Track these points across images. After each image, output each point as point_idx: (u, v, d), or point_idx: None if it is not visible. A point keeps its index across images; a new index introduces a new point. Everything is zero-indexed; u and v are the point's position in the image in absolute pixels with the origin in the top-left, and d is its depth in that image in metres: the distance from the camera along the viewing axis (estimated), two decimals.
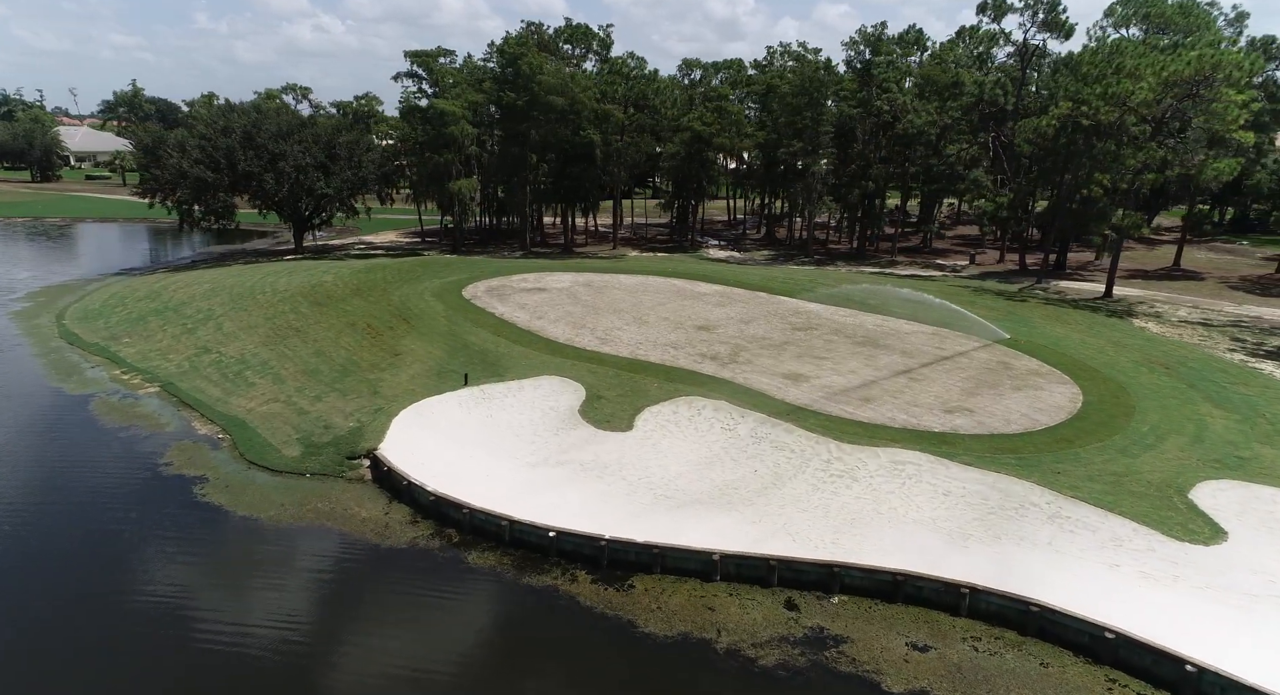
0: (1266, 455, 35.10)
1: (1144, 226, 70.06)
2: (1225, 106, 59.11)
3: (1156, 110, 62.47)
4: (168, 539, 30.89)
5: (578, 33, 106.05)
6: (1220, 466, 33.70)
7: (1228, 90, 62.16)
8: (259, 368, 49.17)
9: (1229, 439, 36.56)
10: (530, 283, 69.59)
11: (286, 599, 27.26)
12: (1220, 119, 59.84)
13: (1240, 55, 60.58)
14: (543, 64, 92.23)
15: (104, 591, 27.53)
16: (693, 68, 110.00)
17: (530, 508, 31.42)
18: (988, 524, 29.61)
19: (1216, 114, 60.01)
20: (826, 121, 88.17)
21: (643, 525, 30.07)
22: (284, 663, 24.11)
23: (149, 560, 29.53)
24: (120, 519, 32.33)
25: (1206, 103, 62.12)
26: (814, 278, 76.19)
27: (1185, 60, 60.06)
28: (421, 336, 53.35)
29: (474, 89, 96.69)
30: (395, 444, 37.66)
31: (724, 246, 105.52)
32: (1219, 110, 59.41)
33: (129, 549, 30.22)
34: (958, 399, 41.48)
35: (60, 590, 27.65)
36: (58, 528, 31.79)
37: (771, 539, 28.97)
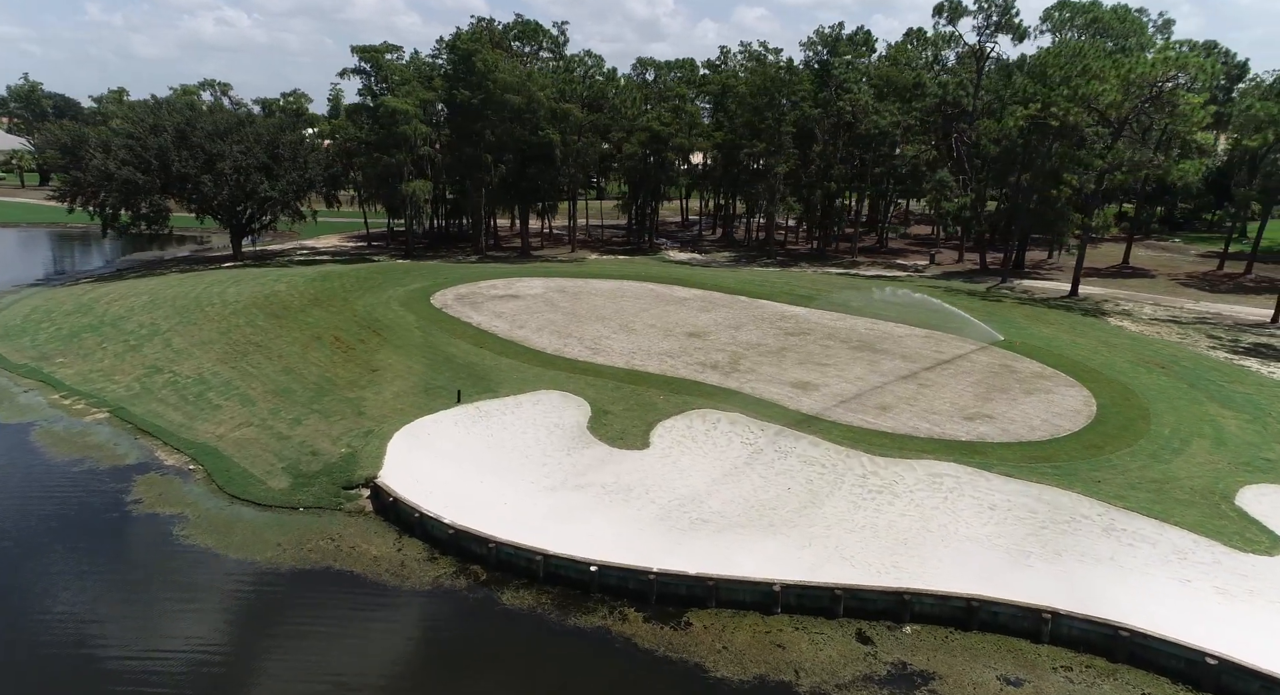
0: None
1: (1113, 226, 71.35)
2: (1191, 109, 60.42)
3: (1123, 111, 63.50)
4: (156, 593, 27.29)
5: (529, 29, 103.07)
6: (1251, 469, 33.58)
7: (1186, 94, 63.74)
8: (222, 388, 45.12)
9: (1248, 440, 36.62)
10: (501, 289, 66.56)
11: (308, 657, 24.18)
12: (1185, 120, 61.17)
13: (1201, 59, 62.09)
14: (498, 61, 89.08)
15: (100, 657, 23.97)
16: (647, 67, 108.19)
17: (560, 538, 28.98)
18: (1043, 539, 28.57)
19: (1182, 115, 61.31)
20: (788, 122, 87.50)
21: (687, 554, 28.00)
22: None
23: (142, 620, 25.96)
24: (94, 570, 28.53)
25: (1170, 105, 63.51)
26: (790, 281, 75.28)
27: (1151, 62, 61.19)
28: (397, 349, 50.00)
29: (424, 86, 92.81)
30: (396, 471, 34.61)
31: (683, 248, 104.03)
32: (1185, 112, 60.68)
33: (112, 606, 26.55)
34: (974, 405, 40.68)
35: (47, 668, 23.95)
36: (20, 585, 27.81)
37: (827, 564, 27.27)
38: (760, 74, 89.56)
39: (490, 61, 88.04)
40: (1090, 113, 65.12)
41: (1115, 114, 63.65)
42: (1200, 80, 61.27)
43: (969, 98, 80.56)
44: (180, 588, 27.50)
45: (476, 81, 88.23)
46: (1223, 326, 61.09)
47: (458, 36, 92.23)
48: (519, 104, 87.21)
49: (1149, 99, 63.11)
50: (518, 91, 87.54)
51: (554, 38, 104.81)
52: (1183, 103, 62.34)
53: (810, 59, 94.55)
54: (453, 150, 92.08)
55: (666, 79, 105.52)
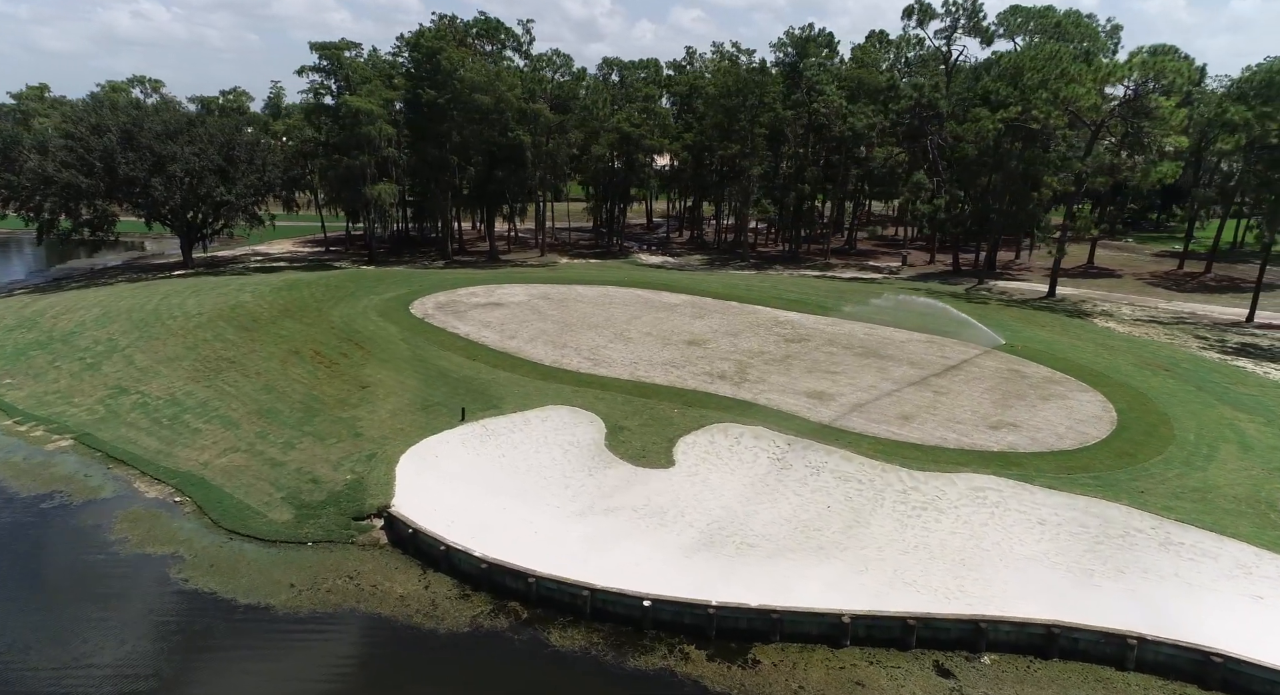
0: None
1: (1094, 228, 72.20)
2: (1171, 112, 61.28)
3: (1102, 114, 64.15)
4: (161, 647, 24.50)
5: (491, 27, 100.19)
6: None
7: (1160, 97, 64.71)
8: (199, 410, 41.85)
9: (1271, 445, 36.62)
10: (482, 297, 64.00)
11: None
12: (1164, 124, 62.03)
13: (1180, 63, 63.09)
14: (464, 59, 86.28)
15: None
16: (614, 67, 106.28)
17: (602, 570, 27.08)
18: (1102, 556, 27.75)
19: (1161, 119, 62.15)
20: (762, 124, 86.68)
21: (741, 583, 26.38)
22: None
23: (149, 680, 23.17)
24: (86, 622, 25.55)
25: (1146, 108, 64.38)
26: (776, 285, 74.32)
27: (1128, 66, 61.90)
28: (384, 364, 47.26)
29: (385, 86, 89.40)
30: (409, 498, 32.20)
31: (654, 251, 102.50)
32: (1164, 115, 61.52)
33: (115, 664, 23.68)
34: (995, 412, 39.99)
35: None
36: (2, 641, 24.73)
37: (890, 591, 25.94)
38: (733, 75, 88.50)
39: (456, 59, 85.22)
40: (1068, 116, 65.60)
41: (1094, 117, 64.25)
42: (1178, 84, 62.37)
43: (943, 100, 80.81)
44: (189, 639, 24.77)
45: (442, 80, 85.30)
46: (1203, 326, 62.13)
47: (421, 34, 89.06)
48: (487, 104, 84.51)
49: (1124, 102, 63.89)
50: (486, 91, 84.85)
51: (517, 37, 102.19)
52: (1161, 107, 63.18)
53: (780, 60, 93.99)
54: (416, 151, 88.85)
55: (633, 79, 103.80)
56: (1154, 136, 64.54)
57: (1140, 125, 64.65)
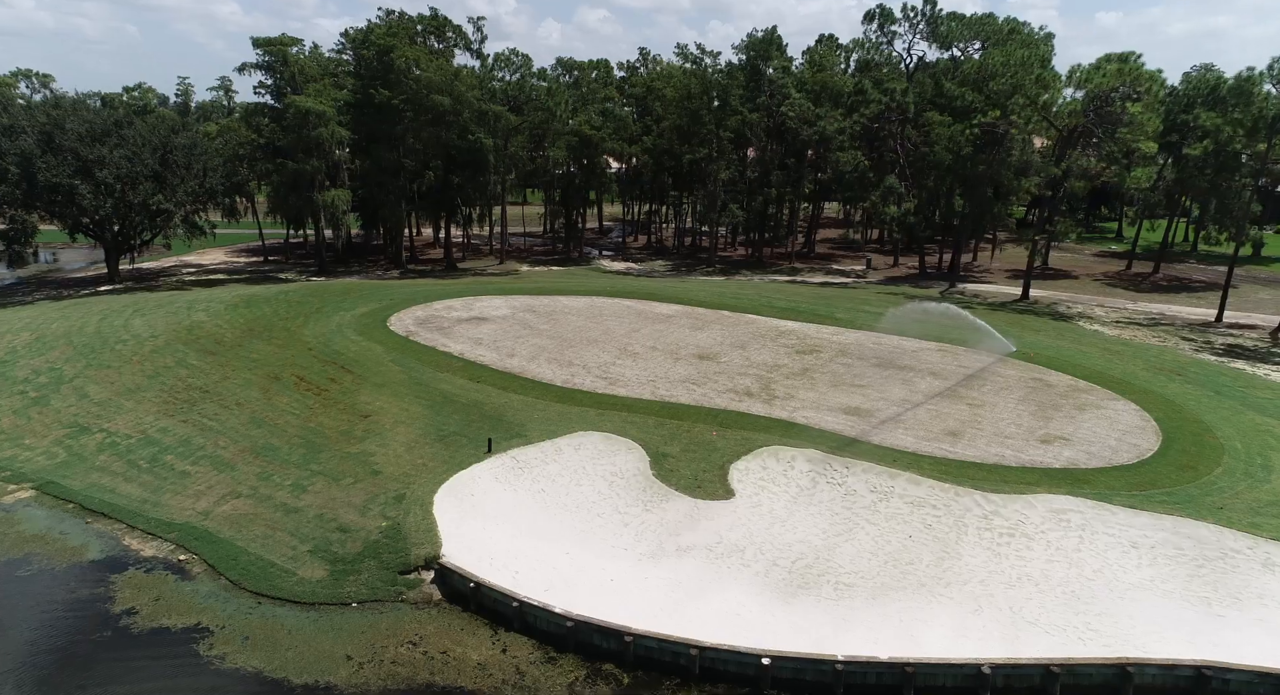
0: None
1: (1073, 233, 73.30)
2: (1147, 118, 62.54)
3: (1078, 120, 65.10)
4: None
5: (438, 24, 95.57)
6: None
7: (1131, 103, 66.11)
8: (181, 449, 37.23)
9: None
10: (461, 310, 60.21)
11: None
12: (1141, 129, 63.28)
13: (1151, 71, 64.50)
14: (419, 58, 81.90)
15: None
16: (569, 68, 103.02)
17: (700, 622, 24.57)
18: (1209, 581, 26.79)
19: (1137, 124, 63.36)
20: (728, 127, 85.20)
21: (859, 631, 24.27)
22: None
23: None
24: None
25: (1115, 114, 65.65)
26: (762, 292, 72.72)
27: (1105, 73, 62.90)
28: (380, 389, 43.36)
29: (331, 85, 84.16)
30: (458, 546, 28.90)
31: (615, 257, 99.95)
32: (1140, 120, 62.74)
33: None
34: (1039, 425, 39.12)
35: None
36: None
37: (1019, 633, 24.22)
38: (698, 77, 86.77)
39: (411, 58, 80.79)
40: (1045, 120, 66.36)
41: (1071, 122, 65.16)
42: (1154, 90, 63.84)
43: (912, 104, 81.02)
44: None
45: (395, 80, 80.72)
46: (1182, 327, 63.58)
47: (370, 31, 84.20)
48: (446, 105, 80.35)
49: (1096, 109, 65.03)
50: (444, 91, 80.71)
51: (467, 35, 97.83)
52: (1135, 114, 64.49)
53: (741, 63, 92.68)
54: (369, 155, 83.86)
55: (588, 80, 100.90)
56: (1125, 141, 65.85)
57: (1115, 131, 65.81)
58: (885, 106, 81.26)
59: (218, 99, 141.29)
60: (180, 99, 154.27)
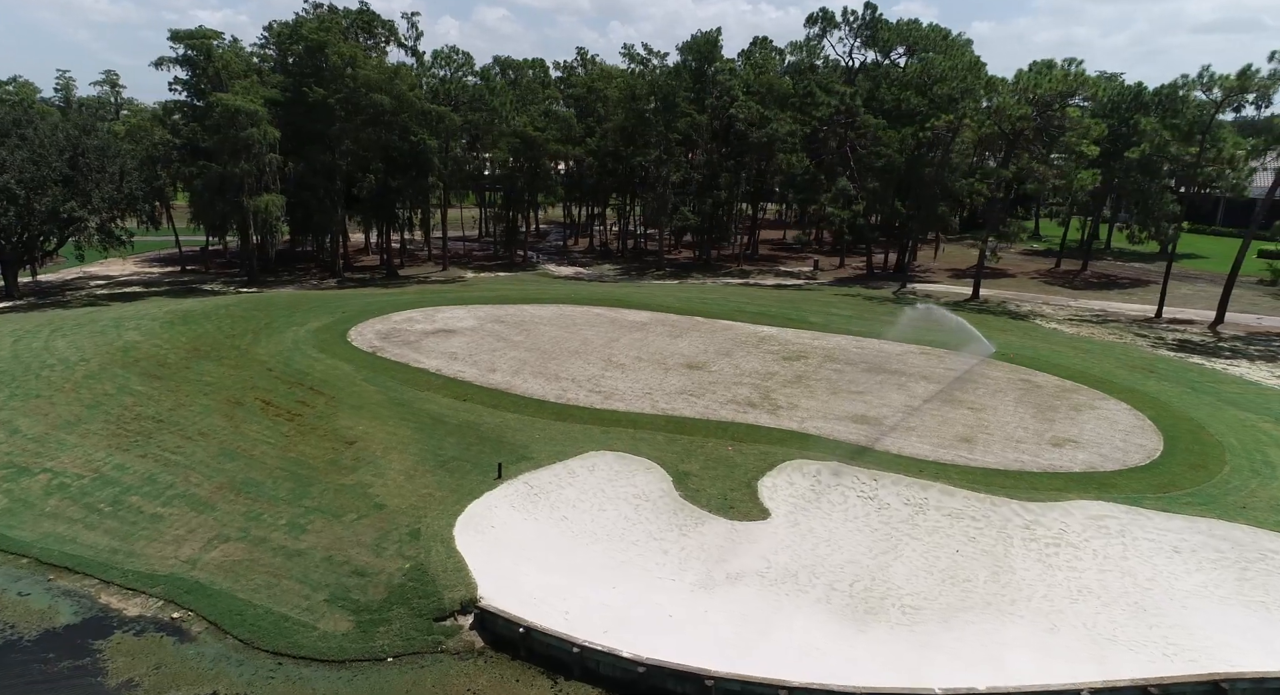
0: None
1: (1023, 236, 75.23)
2: (1094, 122, 64.70)
3: (1028, 124, 66.88)
4: None
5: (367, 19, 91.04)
6: None
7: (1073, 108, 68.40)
8: (147, 489, 33.30)
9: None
10: (424, 323, 56.91)
11: None
12: (1086, 133, 65.43)
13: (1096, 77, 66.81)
14: (356, 55, 77.71)
15: None
16: (506, 67, 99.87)
17: (777, 659, 23.10)
18: (1260, 584, 26.95)
19: (1082, 128, 65.49)
20: (677, 129, 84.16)
21: (942, 659, 23.23)
22: None
23: None
24: None
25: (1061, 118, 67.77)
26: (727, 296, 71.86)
27: (1053, 78, 64.78)
28: (359, 412, 40.14)
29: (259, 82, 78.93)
30: (494, 585, 26.51)
31: (560, 261, 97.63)
32: (1086, 124, 64.87)
33: None
34: (1045, 428, 39.30)
35: None
36: None
37: (1105, 651, 23.54)
38: (646, 79, 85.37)
39: (346, 54, 76.55)
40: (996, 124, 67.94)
41: (1024, 126, 66.88)
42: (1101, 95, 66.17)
43: (861, 106, 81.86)
44: None
45: (330, 77, 76.37)
46: (1129, 323, 66.10)
47: (300, 25, 79.35)
48: (386, 105, 76.47)
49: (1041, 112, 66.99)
50: (384, 90, 76.80)
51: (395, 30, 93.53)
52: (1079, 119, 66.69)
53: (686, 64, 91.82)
54: (303, 157, 78.98)
55: (528, 80, 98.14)
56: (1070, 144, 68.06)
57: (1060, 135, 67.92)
58: (835, 109, 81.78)
59: (104, 95, 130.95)
60: (60, 95, 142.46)
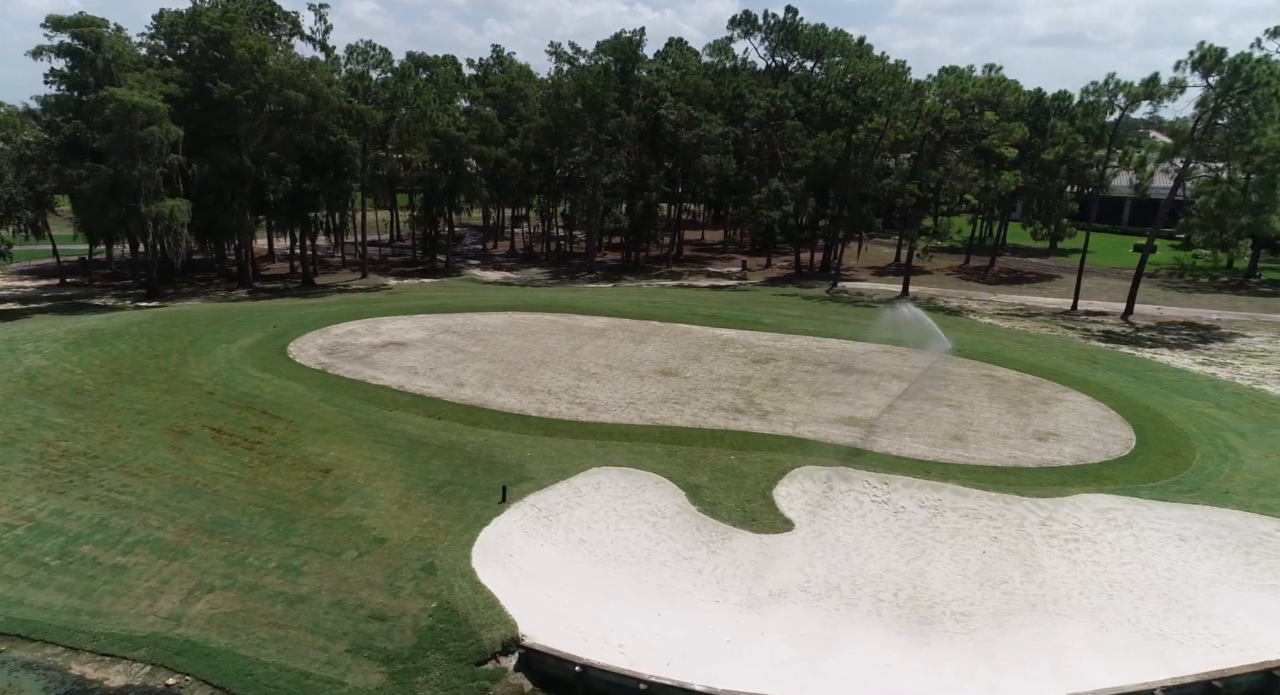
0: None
1: (954, 236, 77.76)
2: (1014, 125, 67.64)
3: (956, 125, 69.31)
4: None
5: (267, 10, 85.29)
6: None
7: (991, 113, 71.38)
8: (99, 536, 29.34)
9: (1250, 428, 40.65)
10: (368, 335, 53.40)
11: None
12: (1009, 135, 68.35)
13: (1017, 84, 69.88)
14: (265, 47, 72.60)
15: None
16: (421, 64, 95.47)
17: (856, 681, 22.34)
18: (1266, 568, 28.04)
19: (1005, 130, 68.39)
20: (608, 130, 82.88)
21: (1013, 668, 22.94)
22: None
23: None
24: None
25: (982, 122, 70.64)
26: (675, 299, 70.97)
27: (979, 83, 67.35)
28: (327, 436, 36.98)
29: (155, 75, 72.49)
30: (532, 620, 24.56)
31: (484, 266, 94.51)
32: (1010, 127, 67.78)
33: None
34: (1024, 422, 40.29)
35: None
36: None
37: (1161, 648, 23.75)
38: (576, 78, 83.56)
39: (255, 47, 71.38)
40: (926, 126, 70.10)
41: (952, 129, 69.27)
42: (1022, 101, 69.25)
43: (791, 108, 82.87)
44: None
45: (237, 72, 71.02)
46: (1050, 316, 69.48)
47: (198, 14, 73.32)
48: (303, 102, 71.73)
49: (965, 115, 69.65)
50: (300, 87, 72.05)
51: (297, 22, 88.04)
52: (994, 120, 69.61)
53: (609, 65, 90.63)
54: (207, 158, 73.03)
55: (447, 78, 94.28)
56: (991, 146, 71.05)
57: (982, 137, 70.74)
58: (765, 111, 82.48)
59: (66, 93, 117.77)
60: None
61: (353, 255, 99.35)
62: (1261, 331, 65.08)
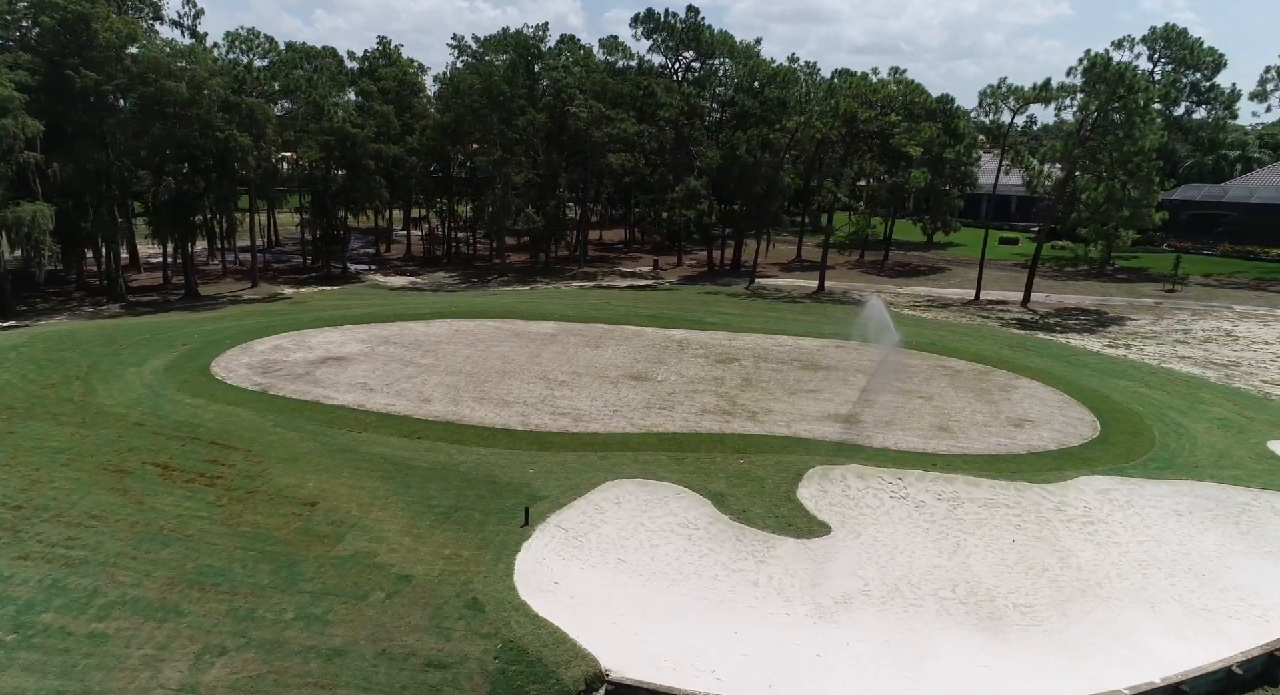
0: (1238, 417, 42.70)
1: (864, 234, 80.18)
2: (923, 126, 70.73)
3: (870, 125, 71.70)
4: None
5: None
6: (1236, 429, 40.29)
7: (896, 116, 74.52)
8: (58, 601, 24.64)
9: (1185, 405, 44.00)
10: (299, 351, 48.74)
11: None
12: (918, 135, 71.41)
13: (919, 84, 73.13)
14: (135, 32, 65.29)
15: None
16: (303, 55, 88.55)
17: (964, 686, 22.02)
18: (1259, 536, 29.94)
19: (915, 131, 71.42)
20: (517, 127, 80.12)
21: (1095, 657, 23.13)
22: None
23: None
24: None
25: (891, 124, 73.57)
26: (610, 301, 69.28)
27: (893, 84, 70.01)
28: (296, 465, 33.21)
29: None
30: (610, 651, 22.67)
31: (385, 271, 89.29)
32: (921, 127, 70.85)
33: None
34: (995, 410, 41.70)
35: None
36: None
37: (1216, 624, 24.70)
38: (482, 74, 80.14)
39: (123, 30, 64.05)
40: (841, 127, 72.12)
41: (866, 129, 71.57)
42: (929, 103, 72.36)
43: (705, 107, 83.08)
44: None
45: (103, 59, 63.48)
46: (960, 306, 73.20)
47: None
48: (182, 95, 64.90)
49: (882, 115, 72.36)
50: (179, 76, 65.22)
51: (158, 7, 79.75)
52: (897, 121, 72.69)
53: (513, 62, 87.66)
54: (69, 157, 64.76)
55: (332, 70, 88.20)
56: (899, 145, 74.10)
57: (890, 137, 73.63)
58: (679, 110, 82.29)
59: None
60: None
61: (232, 263, 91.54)
62: (1141, 314, 71.22)
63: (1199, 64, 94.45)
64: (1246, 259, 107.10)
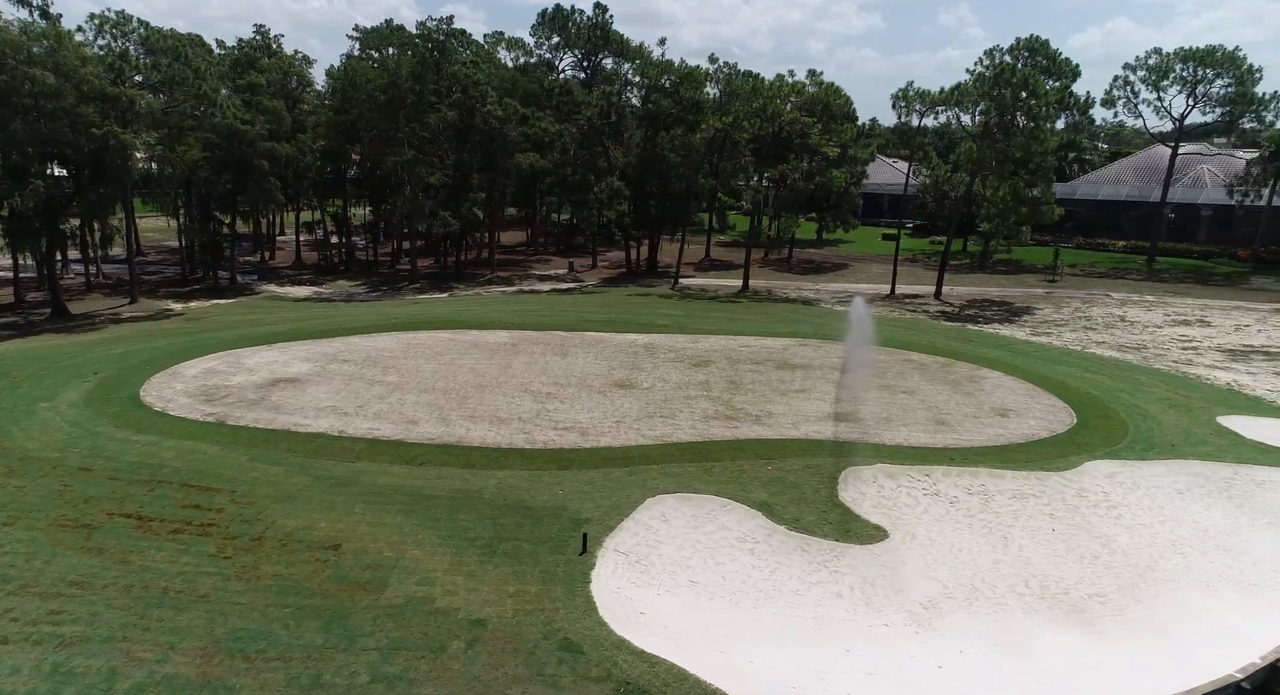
0: (1176, 396, 46.14)
1: (795, 229, 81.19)
2: (844, 127, 72.65)
3: (795, 127, 72.83)
4: None
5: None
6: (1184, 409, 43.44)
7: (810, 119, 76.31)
8: (68, 691, 20.55)
9: (1133, 388, 47.11)
10: (240, 375, 43.59)
11: None
12: (839, 136, 73.26)
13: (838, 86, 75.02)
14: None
15: None
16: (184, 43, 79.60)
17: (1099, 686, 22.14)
18: (1253, 508, 32.05)
19: (835, 132, 73.24)
20: (427, 125, 75.86)
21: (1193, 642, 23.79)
22: None
23: None
24: None
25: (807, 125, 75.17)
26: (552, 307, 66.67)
27: (813, 85, 71.46)
28: (295, 504, 29.47)
29: None
30: (737, 684, 21.23)
31: (280, 281, 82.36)
32: (838, 130, 72.71)
33: None
34: (977, 401, 42.89)
35: None
36: None
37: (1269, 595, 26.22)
38: (388, 69, 75.20)
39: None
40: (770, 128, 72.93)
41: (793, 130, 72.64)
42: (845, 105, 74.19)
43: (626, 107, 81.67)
44: None
45: None
46: (881, 300, 75.85)
47: None
48: (51, 86, 57.04)
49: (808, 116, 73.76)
50: (43, 63, 57.33)
51: None
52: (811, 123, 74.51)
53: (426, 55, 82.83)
54: None
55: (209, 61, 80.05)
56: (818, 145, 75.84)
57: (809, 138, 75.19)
58: (598, 110, 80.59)
59: None
60: None
61: (95, 275, 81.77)
62: (1041, 304, 76.28)
63: (1060, 72, 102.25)
64: (1098, 250, 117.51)
